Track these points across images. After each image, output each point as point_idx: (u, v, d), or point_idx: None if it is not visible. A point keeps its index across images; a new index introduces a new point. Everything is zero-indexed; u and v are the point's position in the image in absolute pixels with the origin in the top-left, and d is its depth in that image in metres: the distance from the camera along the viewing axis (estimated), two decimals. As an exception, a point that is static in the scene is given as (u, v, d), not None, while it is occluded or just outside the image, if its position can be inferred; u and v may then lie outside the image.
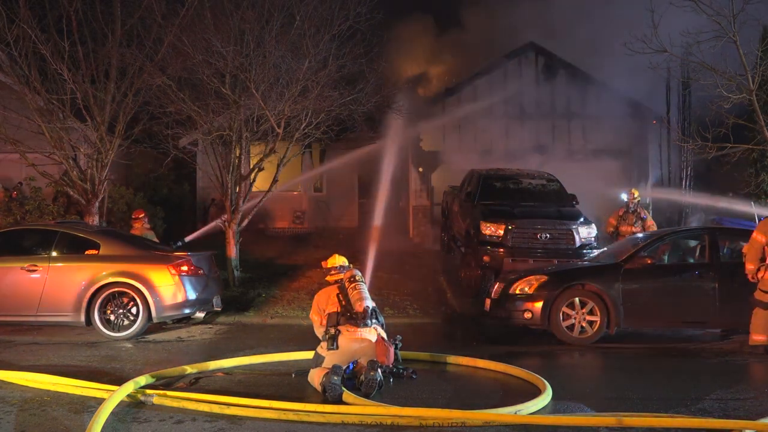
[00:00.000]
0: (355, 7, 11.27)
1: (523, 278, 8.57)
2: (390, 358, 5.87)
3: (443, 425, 4.68)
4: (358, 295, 6.09)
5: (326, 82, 11.24)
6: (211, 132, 11.53)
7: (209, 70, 10.95)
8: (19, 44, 10.46)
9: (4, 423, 4.81)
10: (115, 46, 11.23)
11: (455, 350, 7.33)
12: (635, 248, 8.59)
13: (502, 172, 12.99)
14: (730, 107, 10.25)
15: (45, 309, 8.42)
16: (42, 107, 11.15)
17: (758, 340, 7.42)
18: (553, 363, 7.50)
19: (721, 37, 9.63)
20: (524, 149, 16.53)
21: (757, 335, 7.44)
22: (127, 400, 5.25)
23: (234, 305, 10.44)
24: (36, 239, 9.04)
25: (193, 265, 8.87)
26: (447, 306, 10.75)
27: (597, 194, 13.93)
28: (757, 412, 5.05)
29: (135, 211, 11.91)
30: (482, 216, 11.03)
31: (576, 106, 17.10)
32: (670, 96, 16.69)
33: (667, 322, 8.56)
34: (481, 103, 17.15)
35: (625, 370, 7.04)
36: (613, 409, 5.07)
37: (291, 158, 12.55)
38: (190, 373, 6.31)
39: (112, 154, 11.46)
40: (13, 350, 7.60)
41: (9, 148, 11.46)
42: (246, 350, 7.53)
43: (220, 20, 10.95)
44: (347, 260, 6.73)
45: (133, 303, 8.40)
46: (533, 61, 17.33)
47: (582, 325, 8.16)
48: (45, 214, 12.53)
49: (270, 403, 5.05)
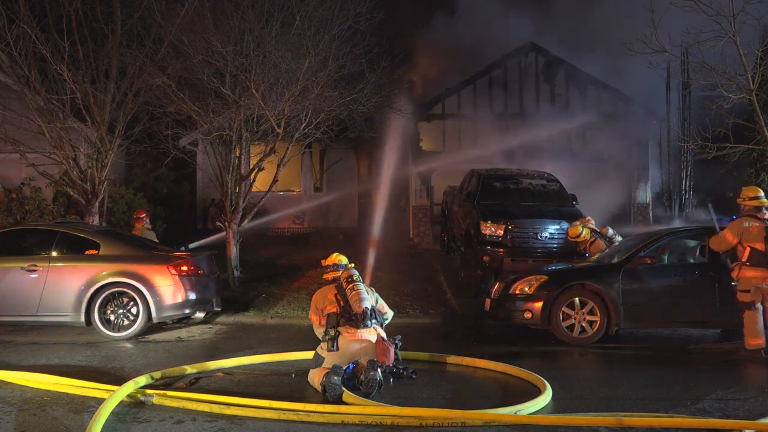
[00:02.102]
0: (355, 7, 11.28)
1: (523, 278, 8.57)
2: (390, 358, 5.87)
3: (443, 425, 4.69)
4: (357, 297, 6.08)
5: (326, 82, 11.24)
6: (211, 132, 11.53)
7: (209, 70, 10.95)
8: (19, 44, 10.46)
9: (4, 423, 4.81)
10: (115, 46, 11.23)
11: (455, 350, 7.32)
12: (635, 248, 8.58)
13: (502, 172, 12.99)
14: (730, 107, 10.24)
15: (45, 309, 8.41)
16: (42, 107, 11.15)
17: (755, 344, 7.36)
18: (553, 363, 7.50)
19: (721, 37, 9.63)
20: (524, 149, 16.55)
21: (752, 339, 7.38)
22: (127, 400, 5.26)
23: (234, 305, 10.44)
24: (36, 239, 9.04)
25: (193, 265, 8.87)
26: (447, 306, 10.75)
27: (597, 194, 13.94)
28: (757, 412, 5.06)
29: (137, 211, 11.92)
30: (482, 216, 11.04)
31: (576, 105, 17.08)
32: (670, 96, 16.68)
33: (667, 322, 8.56)
34: (481, 103, 17.16)
35: (625, 370, 7.05)
36: (613, 409, 5.08)
37: (291, 158, 12.56)
38: (190, 373, 6.31)
39: (112, 154, 11.46)
40: (13, 350, 7.60)
41: (9, 148, 11.46)
42: (246, 350, 7.53)
43: (220, 20, 10.95)
44: (346, 258, 6.71)
45: (133, 303, 8.40)
46: (533, 61, 17.33)
47: (582, 325, 8.16)
48: (45, 214, 12.53)
49: (270, 403, 5.05)
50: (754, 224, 7.46)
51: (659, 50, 10.26)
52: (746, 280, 7.43)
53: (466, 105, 17.27)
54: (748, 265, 7.42)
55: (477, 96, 17.26)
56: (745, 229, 7.46)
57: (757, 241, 7.39)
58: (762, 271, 7.36)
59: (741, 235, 7.48)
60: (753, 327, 7.36)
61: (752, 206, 7.61)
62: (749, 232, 7.43)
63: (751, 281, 7.39)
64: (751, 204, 7.63)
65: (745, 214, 7.61)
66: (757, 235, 7.40)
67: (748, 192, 7.76)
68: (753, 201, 7.63)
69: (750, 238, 7.42)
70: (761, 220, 7.49)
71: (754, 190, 7.75)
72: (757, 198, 7.62)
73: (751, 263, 7.40)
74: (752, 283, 7.38)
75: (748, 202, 7.66)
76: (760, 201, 7.60)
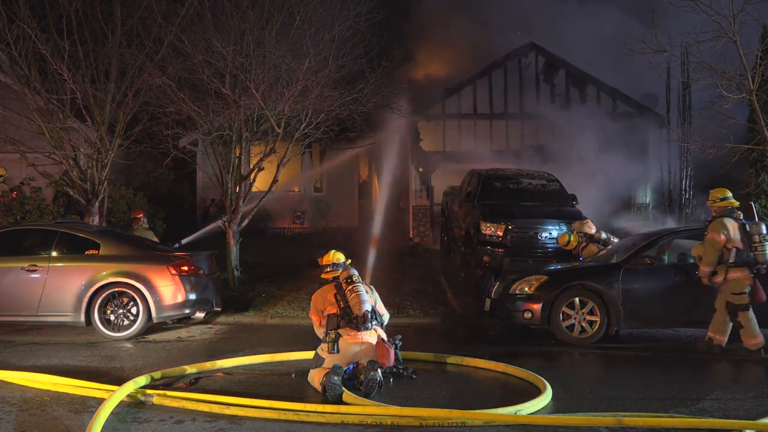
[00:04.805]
0: (355, 7, 11.28)
1: (523, 278, 8.57)
2: (390, 360, 5.87)
3: (443, 425, 4.69)
4: (357, 299, 6.04)
5: (326, 82, 11.23)
6: (211, 132, 11.52)
7: (209, 70, 10.94)
8: (19, 44, 10.45)
9: (4, 423, 4.81)
10: (115, 46, 11.23)
11: (455, 350, 7.32)
12: (635, 248, 8.59)
13: (502, 172, 12.99)
14: (730, 107, 10.24)
15: (45, 309, 8.41)
16: (42, 107, 11.15)
17: (755, 344, 7.36)
18: (553, 363, 7.50)
19: (721, 37, 9.63)
20: (524, 149, 16.54)
21: (752, 339, 7.37)
22: (127, 400, 5.26)
23: (234, 305, 10.44)
24: (36, 239, 9.03)
25: (193, 265, 8.87)
26: (447, 306, 10.75)
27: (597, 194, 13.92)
28: (757, 412, 5.06)
29: (134, 212, 11.92)
30: (482, 216, 11.04)
31: (576, 105, 17.08)
32: (670, 96, 16.67)
33: (667, 322, 8.56)
34: (481, 103, 17.16)
35: (625, 370, 7.05)
36: (613, 409, 5.08)
37: (291, 158, 12.56)
38: (190, 373, 6.31)
39: (112, 154, 11.46)
40: (13, 350, 7.60)
41: (9, 148, 11.45)
42: (246, 350, 7.53)
43: (220, 20, 10.95)
44: (344, 256, 6.64)
45: (133, 303, 8.40)
46: (533, 61, 17.32)
47: (582, 325, 8.16)
48: (45, 214, 12.53)
49: (270, 403, 5.06)
50: (734, 224, 7.49)
51: (659, 50, 10.26)
52: (738, 282, 7.40)
53: (466, 105, 17.26)
54: (734, 266, 7.40)
55: (477, 96, 17.25)
56: (729, 229, 7.45)
57: (738, 240, 7.42)
58: (746, 271, 7.40)
59: (726, 234, 7.45)
60: (750, 326, 7.35)
61: (722, 207, 7.62)
62: (732, 231, 7.44)
63: (743, 282, 7.39)
64: (721, 205, 7.65)
65: (719, 215, 7.60)
66: (737, 234, 7.44)
67: (716, 194, 7.76)
68: (723, 202, 7.64)
69: (732, 238, 7.43)
70: (737, 220, 7.53)
71: (722, 191, 7.75)
72: (726, 199, 7.65)
73: (737, 264, 7.41)
74: (745, 283, 7.38)
75: (718, 204, 7.68)
76: (729, 202, 7.63)
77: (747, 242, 7.38)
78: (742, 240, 7.40)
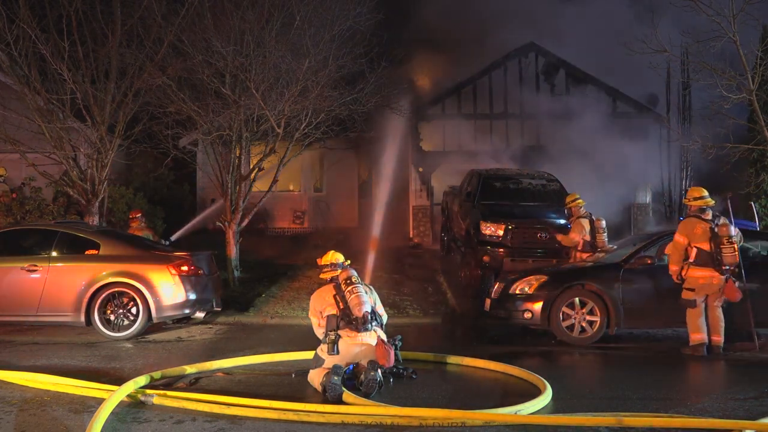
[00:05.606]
0: (355, 7, 11.28)
1: (523, 278, 8.58)
2: (390, 361, 5.87)
3: (443, 425, 4.68)
4: (357, 300, 6.02)
5: (326, 82, 11.23)
6: (211, 132, 11.52)
7: (209, 70, 10.95)
8: (19, 44, 10.45)
9: (4, 423, 4.81)
10: (115, 46, 11.22)
11: (455, 350, 7.32)
12: (635, 248, 8.59)
13: (502, 172, 12.99)
14: (730, 107, 10.25)
15: (45, 309, 8.41)
16: (42, 107, 11.14)
17: (697, 339, 7.54)
18: (553, 363, 7.51)
19: (721, 37, 9.63)
20: (524, 149, 16.52)
21: (694, 334, 7.57)
22: (127, 400, 5.26)
23: (234, 305, 10.43)
24: (36, 239, 9.04)
25: (193, 265, 8.86)
26: (447, 306, 10.75)
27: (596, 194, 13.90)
28: (757, 412, 5.05)
29: (132, 212, 11.92)
30: (482, 216, 11.03)
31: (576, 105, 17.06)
32: (670, 96, 16.67)
33: (667, 322, 8.55)
34: (481, 103, 17.15)
35: (625, 370, 7.05)
36: (613, 409, 5.07)
37: (291, 158, 12.56)
38: (190, 373, 6.31)
39: (112, 154, 11.46)
40: (13, 350, 7.61)
41: (9, 148, 11.46)
42: (246, 350, 7.53)
43: (220, 20, 10.94)
44: (343, 257, 6.61)
45: (133, 303, 8.40)
46: (533, 61, 17.31)
47: (582, 325, 8.16)
48: (45, 214, 12.53)
49: (270, 403, 5.05)
50: (699, 225, 7.59)
51: (659, 50, 10.27)
52: (693, 280, 7.59)
53: (467, 105, 17.25)
54: (695, 265, 7.56)
55: (477, 96, 17.23)
56: (692, 230, 7.59)
57: (702, 241, 7.53)
58: (709, 271, 7.50)
59: (689, 235, 7.61)
60: (695, 322, 7.56)
61: (697, 206, 7.71)
62: (694, 233, 7.57)
63: (698, 281, 7.56)
64: (696, 204, 7.74)
65: (691, 215, 7.75)
66: (703, 235, 7.54)
67: (693, 192, 7.88)
68: (698, 201, 7.73)
69: (696, 238, 7.56)
70: (705, 221, 7.61)
71: (699, 190, 7.85)
72: (702, 198, 7.73)
73: (697, 263, 7.55)
74: (699, 283, 7.55)
75: (694, 203, 7.77)
76: (704, 201, 7.71)
77: (715, 243, 7.47)
78: (709, 241, 7.50)
